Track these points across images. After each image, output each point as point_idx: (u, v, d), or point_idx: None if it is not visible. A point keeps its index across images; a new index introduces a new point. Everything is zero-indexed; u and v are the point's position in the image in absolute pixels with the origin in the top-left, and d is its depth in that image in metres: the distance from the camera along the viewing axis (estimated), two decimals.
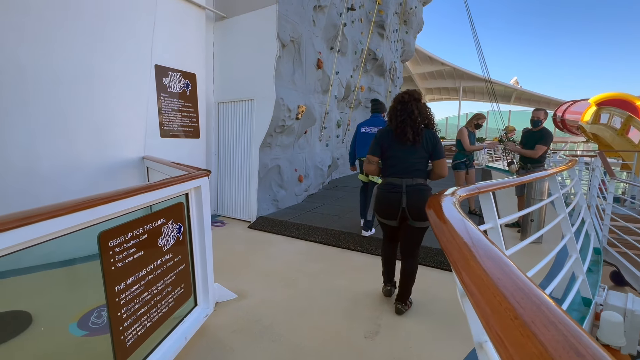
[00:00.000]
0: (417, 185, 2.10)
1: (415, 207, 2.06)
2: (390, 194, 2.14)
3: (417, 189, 2.09)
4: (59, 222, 1.07)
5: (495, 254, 0.57)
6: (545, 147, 3.78)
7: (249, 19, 4.32)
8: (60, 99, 2.81)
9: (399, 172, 2.13)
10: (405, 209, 2.09)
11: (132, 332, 1.43)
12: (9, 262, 1.07)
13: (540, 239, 3.53)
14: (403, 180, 2.10)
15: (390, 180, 2.17)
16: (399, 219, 2.14)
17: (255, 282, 2.62)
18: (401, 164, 2.13)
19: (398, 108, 2.15)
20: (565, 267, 2.12)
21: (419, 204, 2.05)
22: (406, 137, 2.09)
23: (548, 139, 3.79)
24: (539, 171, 2.58)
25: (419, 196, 2.07)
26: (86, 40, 2.92)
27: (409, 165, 2.11)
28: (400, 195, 2.09)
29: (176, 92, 3.85)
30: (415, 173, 2.11)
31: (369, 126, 3.68)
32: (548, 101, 24.40)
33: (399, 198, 2.09)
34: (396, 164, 2.15)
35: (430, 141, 2.12)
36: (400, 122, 2.12)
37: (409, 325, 2.05)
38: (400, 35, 10.66)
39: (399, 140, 2.13)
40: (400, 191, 2.10)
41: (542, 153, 3.80)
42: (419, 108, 2.12)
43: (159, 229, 1.61)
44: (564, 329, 0.35)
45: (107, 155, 3.15)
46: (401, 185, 2.10)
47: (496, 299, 0.43)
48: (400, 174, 2.13)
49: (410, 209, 2.07)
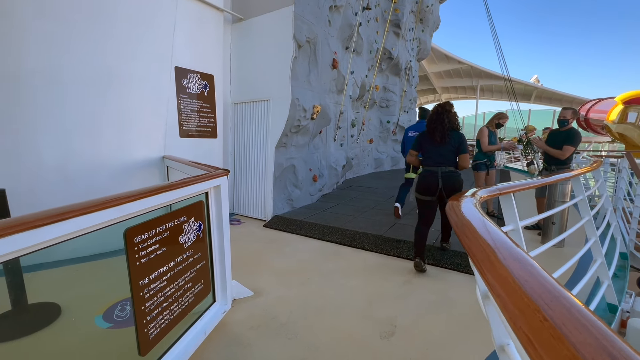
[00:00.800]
0: (449, 172, 2.82)
1: (448, 187, 2.79)
2: (428, 177, 2.84)
3: (450, 174, 2.81)
4: (89, 218, 1.12)
5: (520, 255, 0.57)
6: (573, 147, 3.59)
7: (265, 21, 4.37)
8: (86, 101, 2.93)
9: (433, 162, 2.85)
10: (441, 189, 2.79)
11: (154, 325, 1.48)
12: (41, 256, 1.14)
13: (562, 243, 3.41)
14: (439, 169, 2.82)
15: (428, 168, 2.88)
16: (437, 197, 2.83)
17: (271, 280, 2.65)
18: (434, 157, 2.86)
19: (434, 118, 2.87)
20: (590, 272, 2.05)
21: (451, 184, 2.79)
22: (436, 138, 2.83)
23: (576, 139, 3.59)
24: (563, 172, 2.50)
25: (451, 179, 2.80)
26: (110, 44, 3.03)
27: (440, 158, 2.83)
28: (437, 179, 2.80)
29: (195, 93, 3.94)
30: (446, 163, 2.82)
31: (414, 130, 4.43)
32: (571, 99, 23.50)
33: (436, 181, 2.80)
34: (431, 157, 2.88)
35: (456, 140, 2.82)
36: (432, 128, 2.87)
37: (426, 327, 2.03)
38: (416, 33, 10.53)
39: (432, 140, 2.87)
40: (437, 176, 2.80)
41: (569, 154, 3.63)
42: (448, 117, 2.83)
43: (181, 227, 1.66)
44: (596, 332, 0.34)
45: (129, 155, 3.26)
46: (437, 172, 2.81)
47: (523, 301, 0.43)
48: (435, 164, 2.84)
49: (445, 189, 2.79)
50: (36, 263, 1.87)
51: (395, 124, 9.83)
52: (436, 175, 2.81)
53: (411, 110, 11.12)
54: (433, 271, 2.85)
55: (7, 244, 0.88)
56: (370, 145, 9.13)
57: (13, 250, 0.90)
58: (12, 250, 0.90)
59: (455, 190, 2.76)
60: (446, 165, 2.81)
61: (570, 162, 3.79)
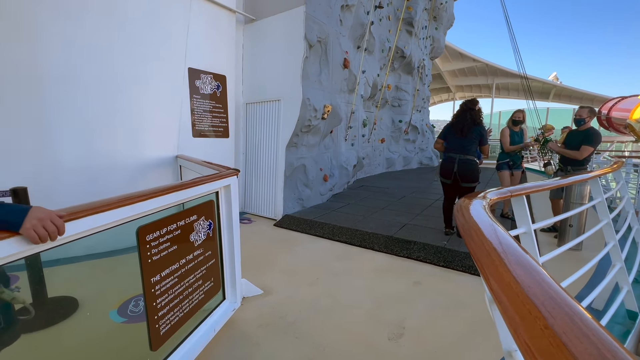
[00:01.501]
0: (466, 159, 3.28)
1: (461, 172, 3.28)
2: (447, 163, 3.39)
3: (466, 161, 3.28)
4: (104, 216, 1.15)
5: (525, 260, 0.56)
6: (591, 148, 3.44)
7: (277, 21, 4.40)
8: (103, 102, 3.01)
9: (454, 150, 3.36)
10: (456, 174, 3.30)
11: (165, 321, 1.52)
12: (58, 252, 1.18)
13: (579, 246, 3.30)
14: (457, 156, 3.32)
15: (448, 155, 3.41)
16: (453, 181, 3.35)
17: (280, 279, 2.67)
18: (455, 146, 3.35)
19: (459, 113, 3.39)
20: (608, 277, 1.97)
21: (464, 170, 3.28)
22: (460, 131, 3.34)
23: (595, 139, 3.44)
24: (580, 174, 2.42)
25: (466, 165, 3.28)
26: (126, 46, 3.11)
27: (461, 148, 3.32)
28: (454, 164, 3.31)
29: (207, 93, 4.00)
30: (465, 152, 3.30)
31: None
32: (591, 98, 22.65)
33: (452, 166, 3.33)
34: (453, 146, 3.39)
35: (477, 133, 3.32)
36: (457, 121, 3.38)
37: (435, 329, 2.01)
38: (430, 31, 10.37)
39: (455, 132, 3.38)
40: (454, 162, 3.31)
41: (587, 155, 3.50)
42: (471, 114, 3.33)
43: (192, 225, 1.70)
44: (598, 342, 0.34)
45: (143, 155, 3.34)
46: (455, 159, 3.32)
47: (525, 307, 0.42)
48: (454, 151, 3.35)
49: (459, 173, 3.29)
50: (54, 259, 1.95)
51: (407, 123, 9.72)
52: (453, 161, 3.32)
53: (424, 110, 10.96)
54: (443, 273, 2.81)
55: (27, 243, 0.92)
56: (381, 145, 9.07)
57: (31, 247, 0.94)
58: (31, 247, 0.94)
59: (467, 175, 3.30)
60: (464, 154, 3.29)
61: (588, 163, 3.66)
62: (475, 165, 3.30)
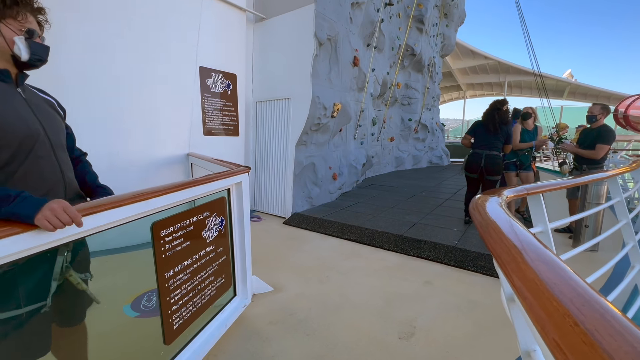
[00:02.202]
0: (493, 155, 3.59)
1: (488, 166, 3.59)
2: (474, 158, 3.69)
3: (492, 157, 3.59)
4: (120, 211, 1.17)
5: (549, 257, 0.54)
6: (607, 146, 3.37)
7: (287, 19, 4.40)
8: (117, 101, 3.06)
9: (480, 146, 3.66)
10: (482, 168, 3.61)
11: (178, 316, 1.54)
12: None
13: (596, 247, 3.22)
14: (483, 152, 3.62)
15: (475, 151, 3.72)
16: (479, 175, 3.68)
17: (290, 277, 2.68)
18: (482, 143, 3.66)
19: (488, 112, 3.69)
20: (627, 279, 1.92)
21: (491, 164, 3.59)
22: (488, 129, 3.65)
23: (609, 137, 3.37)
24: (597, 173, 2.36)
25: (492, 160, 3.59)
26: (138, 45, 3.15)
27: (488, 143, 3.63)
28: (481, 159, 3.62)
29: (218, 92, 4.03)
30: (491, 148, 3.61)
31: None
32: (608, 95, 22.02)
33: (479, 161, 3.63)
34: (480, 142, 3.69)
35: (504, 133, 3.64)
36: (486, 120, 3.68)
37: (446, 329, 1.99)
38: (441, 29, 10.24)
39: (485, 129, 3.68)
40: (481, 158, 3.62)
41: (604, 154, 3.41)
42: (498, 114, 3.60)
43: (204, 222, 1.71)
44: (632, 340, 0.32)
45: (155, 153, 3.38)
46: (482, 155, 3.62)
47: (552, 304, 0.41)
48: (481, 148, 3.65)
49: (486, 168, 3.60)
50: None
51: (417, 122, 9.63)
52: (480, 157, 3.63)
53: (434, 108, 10.83)
54: (455, 273, 2.78)
55: (48, 234, 0.94)
56: (391, 144, 9.00)
57: (53, 240, 0.97)
58: (53, 240, 0.96)
59: (493, 169, 3.60)
60: (491, 149, 3.60)
61: (604, 162, 3.56)
62: (500, 160, 3.65)
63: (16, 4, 1.03)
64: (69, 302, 1.20)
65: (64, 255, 1.08)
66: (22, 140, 1.02)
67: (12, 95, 1.06)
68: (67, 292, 1.15)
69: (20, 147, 1.02)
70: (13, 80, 1.08)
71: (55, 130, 1.16)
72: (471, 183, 3.83)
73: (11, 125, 1.00)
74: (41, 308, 1.02)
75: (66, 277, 1.10)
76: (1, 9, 1.00)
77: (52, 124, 1.16)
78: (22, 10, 1.04)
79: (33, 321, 1.01)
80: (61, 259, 1.07)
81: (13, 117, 1.01)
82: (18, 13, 1.03)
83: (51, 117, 1.18)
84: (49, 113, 1.18)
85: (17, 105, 1.05)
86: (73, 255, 1.14)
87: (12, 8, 1.02)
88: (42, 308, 1.02)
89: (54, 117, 1.21)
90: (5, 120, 0.98)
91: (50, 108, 1.22)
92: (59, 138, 1.19)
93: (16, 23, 1.03)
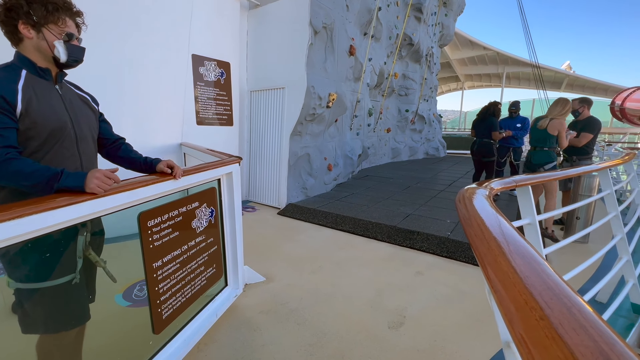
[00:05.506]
0: (482, 141, 4.54)
1: (478, 151, 4.59)
2: (472, 145, 4.71)
3: (482, 143, 4.54)
4: (104, 201, 1.16)
5: (526, 250, 0.54)
6: (590, 135, 3.47)
7: (281, 6, 4.31)
8: (108, 90, 3.00)
9: (476, 136, 4.63)
10: (476, 152, 4.64)
11: (168, 305, 1.54)
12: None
13: (586, 238, 3.26)
14: (478, 139, 4.61)
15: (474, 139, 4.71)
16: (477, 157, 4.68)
17: (283, 267, 2.69)
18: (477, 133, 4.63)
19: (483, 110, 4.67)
20: (614, 270, 1.95)
21: (479, 149, 4.57)
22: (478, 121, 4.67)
23: (593, 126, 3.48)
24: (587, 164, 2.36)
25: (481, 146, 4.55)
26: (129, 32, 3.08)
27: (479, 133, 4.58)
28: (475, 145, 4.64)
29: (211, 80, 3.97)
30: (481, 136, 4.54)
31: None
32: (605, 88, 21.99)
33: (474, 147, 4.65)
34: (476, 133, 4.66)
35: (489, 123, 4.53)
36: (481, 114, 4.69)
37: (436, 319, 2.01)
38: (439, 18, 10.09)
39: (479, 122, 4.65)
40: (476, 144, 4.62)
41: (587, 142, 3.49)
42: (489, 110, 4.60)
43: (193, 212, 1.70)
44: (595, 334, 0.32)
45: (147, 142, 3.34)
46: (476, 141, 4.62)
47: (522, 297, 0.40)
48: (477, 136, 4.63)
49: (477, 152, 4.62)
50: None
51: (414, 112, 9.58)
52: (475, 143, 4.63)
53: (431, 99, 10.77)
54: (446, 264, 2.81)
55: (27, 224, 0.92)
56: (387, 135, 8.97)
57: (37, 229, 0.95)
58: (36, 229, 0.95)
59: (482, 153, 4.55)
60: (481, 137, 4.54)
61: (592, 152, 3.64)
62: (488, 146, 4.51)
63: (57, 10, 1.14)
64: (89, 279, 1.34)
65: (84, 235, 1.22)
66: (51, 132, 1.14)
67: (50, 91, 1.19)
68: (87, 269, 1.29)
69: (48, 138, 1.14)
70: (53, 78, 1.22)
71: (82, 124, 1.28)
72: (475, 163, 4.84)
73: (45, 119, 1.12)
74: (73, 280, 1.19)
75: (86, 254, 1.24)
76: (45, 15, 1.12)
77: (80, 118, 1.28)
78: (62, 16, 1.16)
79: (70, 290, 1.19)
80: (82, 238, 1.21)
81: (48, 111, 1.14)
82: (59, 18, 1.15)
83: (82, 111, 1.31)
84: (80, 108, 1.31)
85: (53, 101, 1.18)
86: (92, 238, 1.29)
87: (54, 14, 1.14)
88: (74, 280, 1.19)
89: (85, 111, 1.34)
90: (40, 114, 1.11)
91: (83, 103, 1.36)
92: (85, 131, 1.30)
93: (57, 28, 1.16)
